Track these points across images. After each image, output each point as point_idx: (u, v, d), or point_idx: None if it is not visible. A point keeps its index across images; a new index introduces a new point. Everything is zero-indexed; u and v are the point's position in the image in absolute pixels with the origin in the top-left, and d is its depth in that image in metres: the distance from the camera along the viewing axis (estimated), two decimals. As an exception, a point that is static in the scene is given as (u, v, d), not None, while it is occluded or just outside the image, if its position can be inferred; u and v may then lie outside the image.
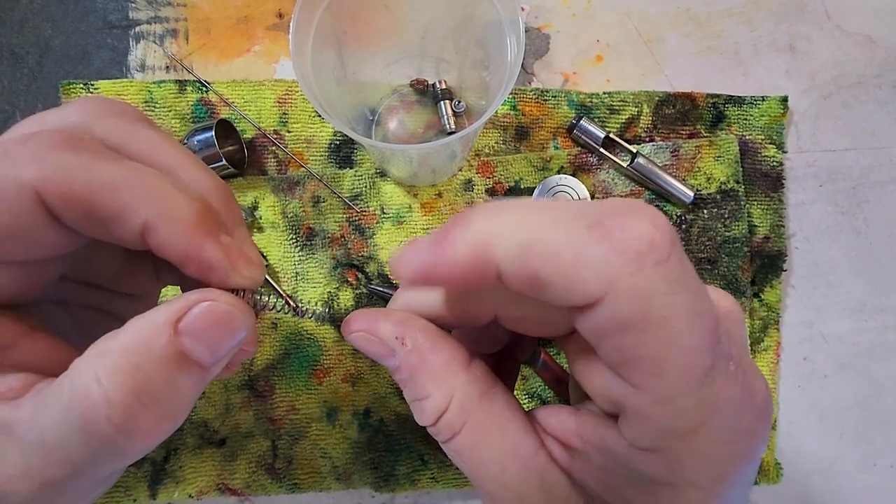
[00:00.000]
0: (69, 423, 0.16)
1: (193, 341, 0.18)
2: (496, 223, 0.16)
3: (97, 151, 0.18)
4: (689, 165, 0.41)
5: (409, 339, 0.20)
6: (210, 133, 0.38)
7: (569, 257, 0.15)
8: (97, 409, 0.16)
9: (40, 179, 0.17)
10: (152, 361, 0.17)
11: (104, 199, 0.17)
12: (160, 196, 0.18)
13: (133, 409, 0.16)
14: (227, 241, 0.20)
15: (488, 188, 0.41)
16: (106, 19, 0.43)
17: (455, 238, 0.17)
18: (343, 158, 0.42)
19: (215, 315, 0.18)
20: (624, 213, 0.16)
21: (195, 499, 0.39)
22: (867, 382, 0.41)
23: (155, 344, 0.17)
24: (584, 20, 0.44)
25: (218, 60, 0.42)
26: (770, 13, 0.44)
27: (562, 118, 0.42)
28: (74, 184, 0.17)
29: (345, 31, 0.33)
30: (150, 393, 0.17)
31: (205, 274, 0.19)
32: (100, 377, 0.16)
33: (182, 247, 0.18)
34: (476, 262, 0.16)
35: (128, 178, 0.18)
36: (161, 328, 0.17)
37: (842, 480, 0.41)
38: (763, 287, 0.41)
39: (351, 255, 0.40)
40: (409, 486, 0.39)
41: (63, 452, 0.17)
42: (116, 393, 0.16)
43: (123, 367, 0.16)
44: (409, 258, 0.18)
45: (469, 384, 0.20)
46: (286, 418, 0.39)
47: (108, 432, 0.16)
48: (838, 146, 0.43)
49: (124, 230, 0.18)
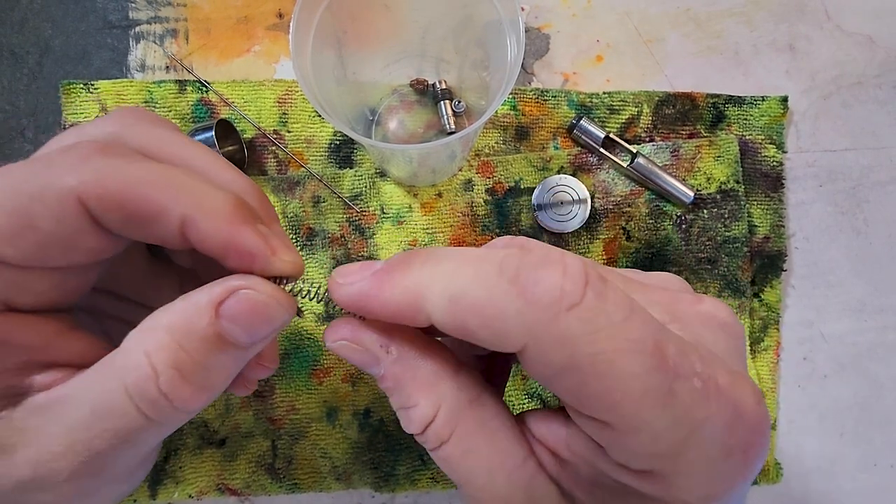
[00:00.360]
0: (120, 391, 0.18)
1: (232, 325, 0.19)
2: (429, 274, 0.18)
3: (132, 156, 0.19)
4: (689, 165, 0.41)
5: (395, 348, 0.20)
6: (210, 133, 0.38)
7: (491, 311, 0.16)
8: (147, 377, 0.18)
9: (81, 184, 0.18)
10: (193, 341, 0.18)
11: (142, 199, 0.18)
12: (195, 191, 0.19)
13: (175, 381, 0.18)
14: (264, 230, 0.20)
15: (488, 188, 0.41)
16: (106, 19, 0.43)
17: (393, 280, 0.18)
18: (343, 158, 0.42)
19: (254, 303, 0.19)
20: (537, 266, 0.17)
21: (195, 499, 0.39)
22: (867, 382, 0.41)
23: (197, 324, 0.18)
24: (584, 20, 0.44)
25: (218, 60, 0.42)
26: (770, 13, 0.44)
27: (562, 118, 0.42)
28: (113, 186, 0.18)
29: (345, 31, 0.33)
30: (189, 368, 0.18)
31: (246, 262, 0.19)
32: (148, 351, 0.18)
33: (221, 237, 0.19)
34: (407, 307, 0.18)
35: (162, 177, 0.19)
36: (203, 310, 0.18)
37: (842, 480, 0.41)
38: (763, 287, 0.41)
39: (351, 256, 0.40)
40: (409, 486, 0.39)
41: (111, 421, 0.18)
42: (161, 366, 0.18)
43: (168, 343, 0.18)
44: (347, 281, 0.19)
45: (457, 392, 0.19)
46: (286, 418, 0.39)
47: (155, 397, 0.18)
48: (838, 146, 0.43)
49: (164, 228, 0.19)
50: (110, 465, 0.19)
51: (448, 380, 0.20)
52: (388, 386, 0.20)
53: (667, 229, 0.41)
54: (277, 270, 0.20)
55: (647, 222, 0.41)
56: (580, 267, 0.17)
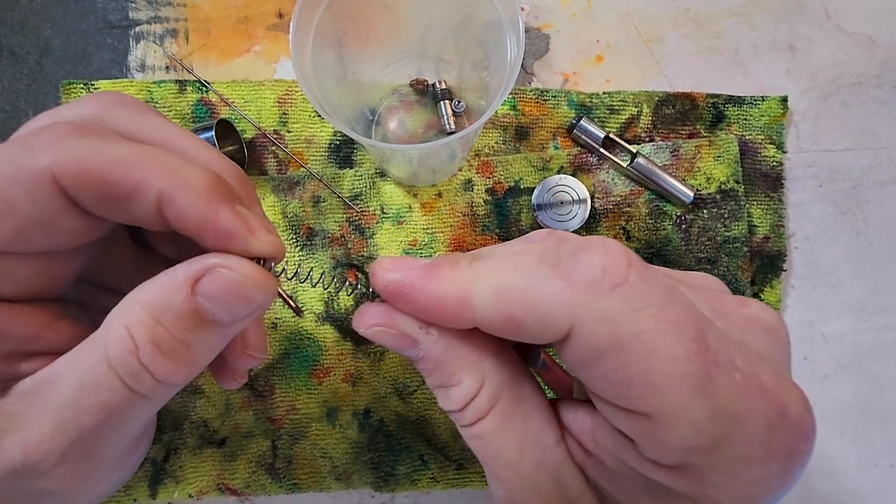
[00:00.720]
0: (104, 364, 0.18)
1: (209, 302, 0.18)
2: (476, 272, 0.18)
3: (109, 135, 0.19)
4: (688, 165, 0.41)
5: (435, 327, 0.20)
6: (210, 133, 0.38)
7: (535, 297, 0.17)
8: (129, 350, 0.18)
9: (56, 163, 0.18)
10: (170, 316, 0.18)
11: (118, 177, 0.18)
12: (172, 168, 0.19)
13: (155, 355, 0.18)
14: (242, 210, 0.20)
15: (488, 188, 0.41)
16: (106, 19, 0.43)
17: (441, 274, 0.19)
18: (343, 158, 0.42)
19: (231, 281, 0.19)
20: (577, 250, 0.17)
21: (195, 499, 0.39)
22: (867, 382, 0.41)
23: (173, 300, 0.18)
24: (584, 20, 0.44)
25: (218, 60, 0.42)
26: (770, 13, 0.44)
27: (562, 118, 0.42)
28: (88, 164, 0.18)
29: (345, 31, 0.33)
30: (168, 343, 0.18)
31: (223, 242, 0.19)
32: (128, 325, 0.18)
33: (198, 215, 0.19)
34: (454, 301, 0.18)
35: (139, 155, 0.18)
36: (180, 286, 0.18)
37: (842, 480, 0.41)
38: (763, 287, 0.41)
39: (351, 255, 0.40)
40: (409, 486, 0.39)
41: (97, 395, 0.18)
42: (140, 339, 0.18)
43: (146, 319, 0.18)
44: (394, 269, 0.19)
45: (500, 368, 0.20)
46: (286, 418, 0.39)
47: (137, 369, 0.18)
48: (838, 146, 0.43)
49: (140, 206, 0.18)
50: (101, 445, 0.19)
51: (491, 357, 0.20)
52: (428, 367, 0.20)
53: (667, 229, 0.41)
54: (255, 250, 0.19)
55: (646, 222, 0.41)
56: (622, 249, 0.17)
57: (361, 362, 0.40)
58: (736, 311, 0.19)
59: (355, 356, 0.40)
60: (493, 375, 0.19)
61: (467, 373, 0.19)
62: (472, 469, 0.39)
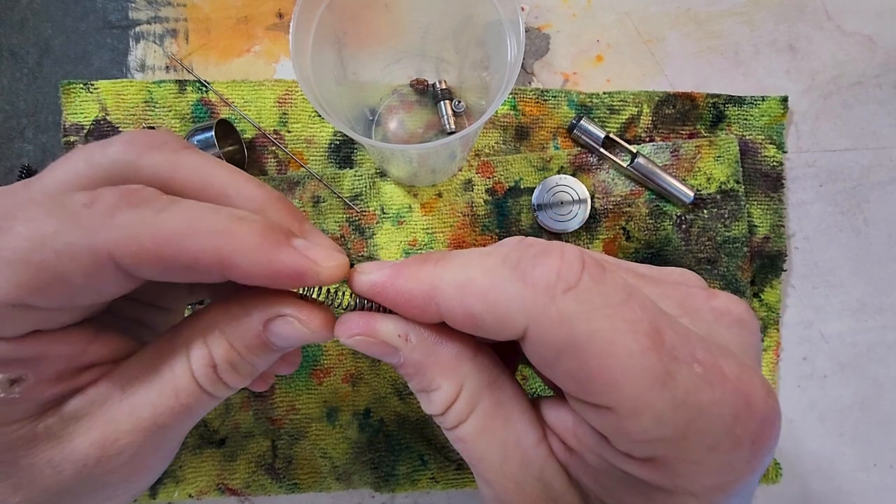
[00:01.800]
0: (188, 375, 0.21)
1: (277, 339, 0.21)
2: (442, 268, 0.19)
3: (156, 202, 0.19)
4: (689, 165, 0.41)
5: (413, 335, 0.20)
6: (210, 133, 0.38)
7: (493, 295, 0.18)
8: (209, 366, 0.21)
9: (113, 244, 0.18)
10: (244, 346, 0.21)
11: (176, 252, 0.19)
12: (227, 232, 0.19)
13: (229, 371, 0.21)
14: (300, 243, 0.21)
15: (488, 188, 0.41)
16: (106, 19, 0.43)
17: (409, 271, 0.20)
18: (343, 158, 0.42)
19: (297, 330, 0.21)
20: (537, 254, 0.18)
21: (195, 499, 0.39)
22: (867, 382, 0.41)
23: (248, 334, 0.21)
24: (584, 20, 0.44)
25: (218, 60, 0.42)
26: (770, 13, 0.44)
27: (562, 118, 0.42)
28: (144, 243, 0.18)
29: (345, 31, 0.33)
30: (238, 363, 0.21)
31: (296, 283, 0.20)
32: (209, 345, 0.21)
33: (264, 270, 0.19)
34: (420, 294, 0.19)
35: (193, 224, 0.19)
36: (254, 324, 0.21)
37: (842, 480, 0.41)
38: (763, 287, 0.41)
39: (351, 256, 0.40)
40: (409, 486, 0.39)
41: (178, 399, 0.21)
42: (218, 359, 0.21)
43: (223, 343, 0.21)
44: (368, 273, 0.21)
45: (478, 373, 0.20)
46: (286, 418, 0.39)
47: (215, 380, 0.21)
48: (838, 146, 0.43)
49: (201, 273, 0.19)
50: (169, 438, 0.22)
51: (469, 361, 0.20)
52: (409, 372, 0.21)
53: (667, 229, 0.41)
54: (327, 280, 0.21)
55: (646, 222, 0.41)
56: (577, 254, 0.18)
57: (361, 362, 0.40)
58: (705, 304, 0.20)
59: (355, 356, 0.40)
60: (472, 380, 0.20)
61: (445, 378, 0.20)
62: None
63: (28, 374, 0.19)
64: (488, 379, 0.20)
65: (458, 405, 0.20)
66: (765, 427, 0.17)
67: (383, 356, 0.21)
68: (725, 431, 0.16)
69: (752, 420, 0.17)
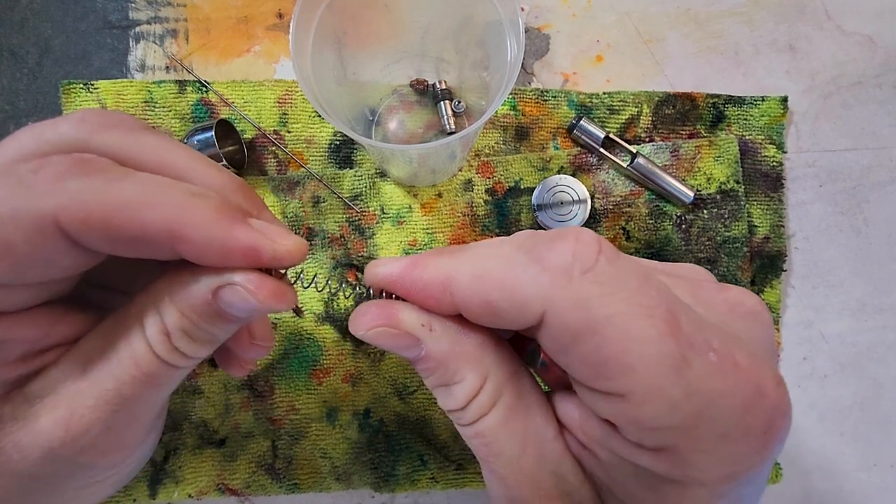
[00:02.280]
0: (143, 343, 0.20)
1: (229, 307, 0.20)
2: (457, 260, 0.19)
3: (108, 171, 0.18)
4: (688, 165, 0.41)
5: (437, 325, 0.20)
6: (210, 133, 0.38)
7: (511, 282, 0.18)
8: (163, 333, 0.20)
9: (58, 208, 0.17)
10: (195, 313, 0.20)
11: (125, 220, 0.18)
12: (181, 204, 0.18)
13: (184, 339, 0.21)
14: (257, 223, 0.20)
15: (488, 188, 0.41)
16: (106, 19, 0.43)
17: (425, 263, 0.20)
18: (343, 158, 0.42)
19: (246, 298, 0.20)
20: (551, 239, 0.18)
21: (195, 499, 0.39)
22: (867, 382, 0.41)
23: (197, 301, 0.20)
24: (584, 20, 0.44)
25: (218, 60, 0.42)
26: (770, 13, 0.44)
27: (562, 118, 0.42)
28: (93, 210, 0.17)
29: (345, 31, 0.33)
30: (194, 331, 0.21)
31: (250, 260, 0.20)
32: (161, 313, 0.20)
33: (217, 246, 0.19)
34: (437, 284, 0.19)
35: (146, 194, 0.18)
36: (203, 292, 0.20)
37: (842, 480, 0.41)
38: (763, 287, 0.41)
39: (351, 256, 0.40)
40: (409, 486, 0.39)
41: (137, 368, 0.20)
42: (171, 327, 0.20)
43: (174, 312, 0.20)
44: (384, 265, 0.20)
45: (501, 364, 0.20)
46: (286, 418, 0.39)
47: (170, 349, 0.20)
48: (838, 146, 0.43)
49: (151, 246, 0.19)
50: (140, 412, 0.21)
51: (492, 352, 0.20)
52: (430, 366, 0.20)
53: (667, 229, 0.41)
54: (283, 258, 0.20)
55: (646, 222, 0.41)
56: (593, 236, 0.18)
57: (361, 362, 0.40)
58: (717, 296, 0.20)
59: (355, 356, 0.40)
60: (496, 371, 0.20)
61: (470, 369, 0.19)
62: (472, 469, 0.39)
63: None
64: (510, 371, 0.20)
65: (481, 398, 0.19)
66: (776, 417, 0.17)
67: (402, 349, 0.20)
68: (737, 421, 0.16)
69: (763, 410, 0.17)
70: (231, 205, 0.20)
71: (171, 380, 0.22)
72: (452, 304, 0.19)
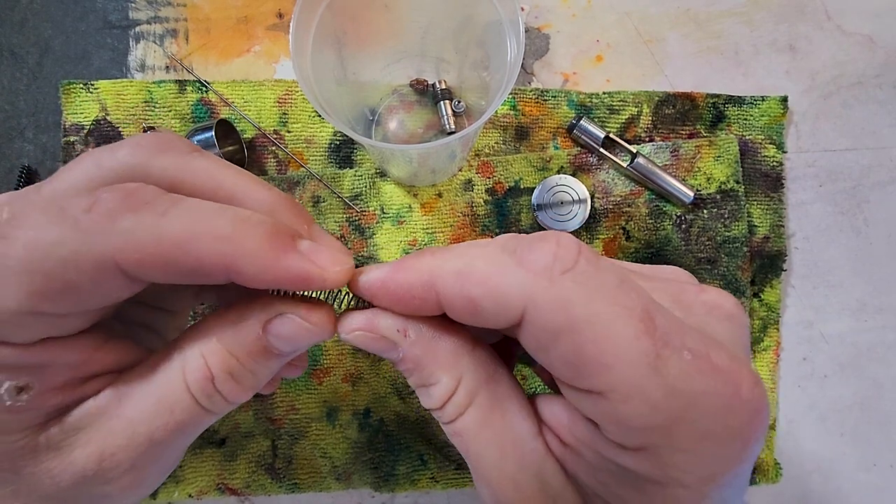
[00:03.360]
0: (182, 389, 0.20)
1: (277, 341, 0.21)
2: (440, 259, 0.20)
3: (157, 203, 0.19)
4: (688, 165, 0.41)
5: (412, 330, 0.21)
6: (210, 133, 0.38)
7: (493, 281, 0.18)
8: (206, 378, 0.20)
9: (116, 251, 0.18)
10: (243, 352, 0.20)
11: (180, 257, 0.18)
12: (232, 237, 0.19)
13: (228, 382, 0.21)
14: (306, 246, 0.20)
15: (488, 188, 0.41)
16: (106, 19, 0.43)
17: (407, 265, 0.20)
18: (343, 158, 0.42)
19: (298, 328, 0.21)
20: (534, 241, 0.19)
21: (195, 499, 0.39)
22: (867, 382, 0.41)
23: (247, 339, 0.20)
24: (584, 20, 0.44)
25: (218, 60, 0.42)
26: (770, 13, 0.44)
27: (562, 118, 0.42)
28: (148, 250, 0.18)
29: (345, 31, 0.33)
30: (238, 372, 0.21)
31: (302, 286, 0.20)
32: (205, 356, 0.20)
33: (269, 275, 0.19)
34: (420, 285, 0.19)
35: (198, 229, 0.19)
36: (252, 326, 0.20)
37: (842, 480, 0.41)
38: (763, 287, 0.41)
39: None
40: (409, 486, 0.39)
41: (173, 414, 0.20)
42: (216, 369, 0.20)
43: (221, 351, 0.20)
44: (367, 272, 0.21)
45: (476, 367, 0.20)
46: (286, 418, 0.39)
47: (211, 393, 0.20)
48: (838, 146, 0.43)
49: (206, 277, 0.19)
50: (167, 454, 0.21)
51: (467, 355, 0.21)
52: (408, 367, 0.21)
53: (666, 229, 0.41)
54: (333, 283, 0.20)
55: (646, 222, 0.41)
56: (572, 239, 0.18)
57: (361, 362, 0.40)
58: (696, 298, 0.20)
59: (355, 356, 0.40)
60: (470, 373, 0.20)
61: (444, 371, 0.20)
62: (472, 469, 0.39)
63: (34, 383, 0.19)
64: (486, 373, 0.21)
65: (457, 398, 0.20)
66: (755, 417, 0.17)
67: (383, 352, 0.21)
68: (716, 421, 0.17)
69: (742, 410, 0.17)
70: (281, 229, 0.20)
71: (202, 426, 0.22)
72: (437, 303, 0.19)
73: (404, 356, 0.21)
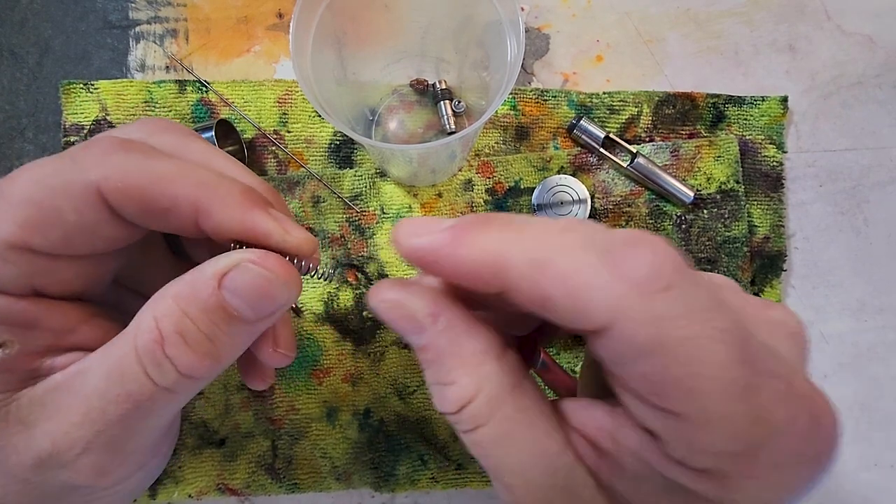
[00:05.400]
0: (131, 355, 0.19)
1: (234, 297, 0.19)
2: (513, 237, 0.17)
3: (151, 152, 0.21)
4: (688, 165, 0.41)
5: (444, 318, 0.18)
6: (210, 133, 0.38)
7: (579, 281, 0.16)
8: (154, 340, 0.19)
9: (101, 178, 0.19)
10: (197, 309, 0.19)
11: (157, 191, 0.20)
12: (207, 182, 0.20)
13: (180, 346, 0.19)
14: (276, 213, 0.21)
15: (488, 188, 0.41)
16: (106, 19, 0.43)
17: (472, 237, 0.17)
18: (343, 158, 0.42)
19: (257, 276, 0.20)
20: (631, 244, 0.16)
21: (195, 499, 0.39)
22: (867, 382, 0.41)
23: (201, 294, 0.19)
24: (584, 20, 0.44)
25: (218, 60, 0.42)
26: (770, 13, 0.44)
27: (562, 118, 0.42)
28: (131, 179, 0.19)
29: (345, 31, 0.33)
30: (193, 335, 0.19)
31: (264, 240, 0.20)
32: (157, 317, 0.19)
33: (235, 222, 0.20)
34: (486, 267, 0.17)
35: (178, 171, 0.20)
36: (208, 280, 0.19)
37: (842, 480, 0.41)
38: (763, 287, 0.41)
39: (351, 255, 0.40)
40: (409, 486, 0.39)
41: (122, 386, 0.19)
42: (166, 330, 0.19)
43: (174, 310, 0.19)
44: (416, 234, 0.18)
45: (502, 376, 0.18)
46: (286, 418, 0.39)
47: (161, 360, 0.19)
48: (838, 146, 0.43)
49: (178, 218, 0.20)
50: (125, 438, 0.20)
51: (493, 362, 0.18)
52: (428, 358, 0.19)
53: (667, 229, 0.41)
54: (292, 246, 0.21)
55: (646, 222, 0.41)
56: (669, 249, 0.16)
57: (361, 362, 0.40)
58: (762, 314, 0.19)
59: (355, 356, 0.40)
60: (493, 382, 0.18)
61: (464, 373, 0.18)
62: (472, 469, 0.39)
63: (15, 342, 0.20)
64: (513, 382, 0.19)
65: (474, 406, 0.18)
66: (829, 445, 0.16)
67: (407, 332, 0.19)
68: (793, 450, 0.16)
69: (819, 440, 0.16)
70: (257, 194, 0.21)
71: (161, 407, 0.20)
72: (500, 288, 0.17)
73: (427, 343, 0.19)
